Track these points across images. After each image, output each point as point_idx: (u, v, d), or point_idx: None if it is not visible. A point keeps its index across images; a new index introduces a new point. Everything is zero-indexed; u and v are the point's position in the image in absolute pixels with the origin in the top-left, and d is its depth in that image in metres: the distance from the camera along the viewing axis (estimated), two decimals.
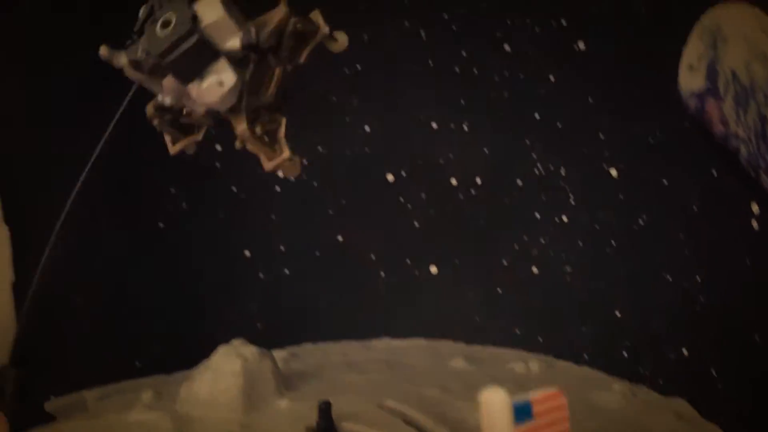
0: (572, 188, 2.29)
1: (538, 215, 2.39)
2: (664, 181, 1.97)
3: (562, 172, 2.30)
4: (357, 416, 1.97)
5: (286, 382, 2.20)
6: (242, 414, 2.01)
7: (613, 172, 2.13)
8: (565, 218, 2.32)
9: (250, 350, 2.12)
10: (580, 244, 2.30)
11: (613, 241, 2.19)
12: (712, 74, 1.73)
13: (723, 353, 1.84)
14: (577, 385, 2.14)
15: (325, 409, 1.92)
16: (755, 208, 1.65)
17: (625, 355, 2.17)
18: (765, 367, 1.68)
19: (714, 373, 1.87)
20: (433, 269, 2.63)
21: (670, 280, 1.99)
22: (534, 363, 2.31)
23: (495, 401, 1.20)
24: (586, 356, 2.29)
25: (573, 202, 2.29)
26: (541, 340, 2.42)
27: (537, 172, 2.36)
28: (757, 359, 1.70)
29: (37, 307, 1.98)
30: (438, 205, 2.58)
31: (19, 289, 2.13)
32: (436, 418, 1.94)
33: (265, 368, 2.12)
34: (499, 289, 2.52)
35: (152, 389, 2.19)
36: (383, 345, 2.65)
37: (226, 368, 2.06)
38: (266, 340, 2.26)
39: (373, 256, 2.69)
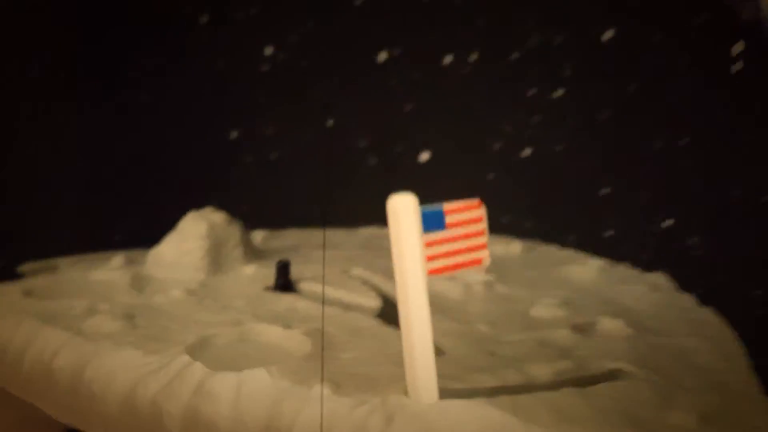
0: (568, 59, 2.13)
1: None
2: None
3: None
4: (318, 279, 1.90)
5: (259, 254, 2.14)
6: (205, 275, 1.96)
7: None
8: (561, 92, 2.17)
9: (218, 216, 2.06)
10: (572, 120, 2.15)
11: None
12: None
13: (708, 222, 1.70)
14: (554, 264, 2.02)
15: (283, 266, 1.86)
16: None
17: (610, 234, 2.03)
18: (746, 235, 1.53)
19: (696, 243, 1.72)
20: (424, 156, 2.52)
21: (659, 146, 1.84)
22: (516, 245, 2.19)
23: (401, 206, 1.10)
24: (571, 239, 2.16)
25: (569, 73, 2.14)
26: (527, 226, 2.29)
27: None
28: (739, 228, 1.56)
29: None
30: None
31: None
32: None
33: (232, 234, 2.06)
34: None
35: (124, 256, 2.16)
36: (369, 232, 2.57)
37: (193, 231, 2.00)
38: (250, 222, 2.19)
39: (363, 143, 2.60)
